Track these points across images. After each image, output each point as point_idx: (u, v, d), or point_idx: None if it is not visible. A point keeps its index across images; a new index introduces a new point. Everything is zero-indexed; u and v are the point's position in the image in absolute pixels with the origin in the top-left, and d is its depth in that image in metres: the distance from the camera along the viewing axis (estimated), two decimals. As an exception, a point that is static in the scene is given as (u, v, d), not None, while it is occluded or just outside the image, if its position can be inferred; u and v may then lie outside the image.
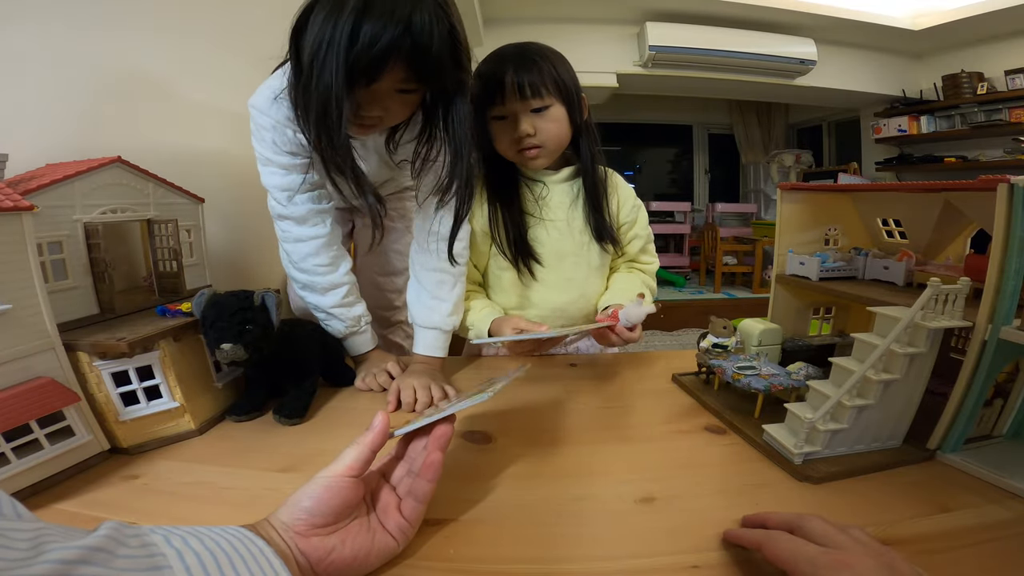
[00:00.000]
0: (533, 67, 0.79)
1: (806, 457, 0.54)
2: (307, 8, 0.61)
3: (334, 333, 0.84)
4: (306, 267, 0.82)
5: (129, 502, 0.50)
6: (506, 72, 0.79)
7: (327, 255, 0.82)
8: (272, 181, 0.78)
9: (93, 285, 0.65)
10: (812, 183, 0.89)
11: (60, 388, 0.52)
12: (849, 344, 0.57)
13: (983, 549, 0.42)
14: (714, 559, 0.41)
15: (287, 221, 0.80)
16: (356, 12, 0.56)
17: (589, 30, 3.76)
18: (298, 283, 0.84)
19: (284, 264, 0.85)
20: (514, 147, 0.84)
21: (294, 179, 0.77)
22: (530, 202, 0.90)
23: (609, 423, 0.68)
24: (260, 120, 0.75)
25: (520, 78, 0.78)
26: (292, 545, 0.37)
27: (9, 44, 0.73)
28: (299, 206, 0.79)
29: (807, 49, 3.83)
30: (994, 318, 0.49)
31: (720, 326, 0.76)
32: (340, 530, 0.39)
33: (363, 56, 0.57)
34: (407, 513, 0.43)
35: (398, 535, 0.42)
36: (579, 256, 0.91)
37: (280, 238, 0.83)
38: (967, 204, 0.64)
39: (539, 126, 0.81)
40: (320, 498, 0.39)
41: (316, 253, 0.81)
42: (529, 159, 0.85)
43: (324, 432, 0.66)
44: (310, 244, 0.81)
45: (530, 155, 0.84)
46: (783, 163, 5.36)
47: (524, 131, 0.80)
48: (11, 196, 0.50)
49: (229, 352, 0.62)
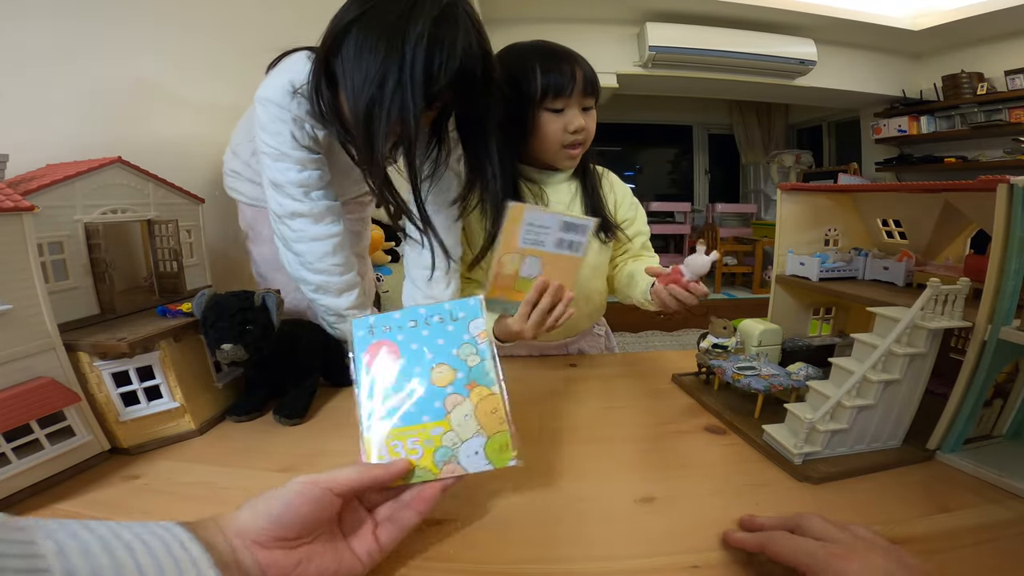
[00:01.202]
0: (588, 66, 0.82)
1: (806, 457, 0.54)
2: (342, 28, 0.64)
3: (343, 335, 0.83)
4: (323, 267, 0.79)
5: (129, 502, 0.50)
6: (575, 67, 0.81)
7: (342, 254, 0.81)
8: (288, 177, 0.75)
9: (94, 285, 0.65)
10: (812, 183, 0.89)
11: (60, 388, 0.52)
12: (849, 344, 0.57)
13: (983, 549, 0.42)
14: (714, 559, 0.41)
15: (303, 219, 0.77)
16: (426, 40, 0.59)
17: (589, 30, 3.76)
18: (310, 285, 0.81)
19: (292, 268, 0.81)
20: (560, 141, 0.83)
21: (311, 174, 0.76)
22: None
23: (609, 423, 0.68)
24: (278, 114, 0.72)
25: (588, 74, 0.81)
26: (247, 555, 0.33)
27: (10, 44, 0.73)
28: (316, 202, 0.77)
29: (807, 49, 3.83)
30: (994, 318, 0.49)
31: (720, 326, 0.76)
32: (304, 546, 0.36)
33: (436, 84, 0.61)
34: (383, 539, 0.40)
35: (366, 560, 0.39)
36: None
37: (290, 239, 0.79)
38: (967, 204, 0.64)
39: (587, 124, 0.83)
40: (292, 504, 0.36)
41: (333, 252, 0.79)
42: (572, 156, 0.86)
43: (324, 432, 0.66)
44: (327, 243, 0.79)
45: (574, 153, 0.85)
46: (783, 163, 5.37)
47: (580, 125, 0.82)
48: (11, 196, 0.50)
49: (230, 352, 0.62)
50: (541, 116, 0.82)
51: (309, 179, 0.76)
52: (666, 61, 3.75)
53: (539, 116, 0.82)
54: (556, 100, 0.81)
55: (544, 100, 0.81)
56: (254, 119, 0.76)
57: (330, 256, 0.79)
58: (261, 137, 0.75)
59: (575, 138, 0.83)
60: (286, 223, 0.78)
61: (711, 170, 6.05)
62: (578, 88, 0.80)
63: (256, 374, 0.71)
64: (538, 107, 0.82)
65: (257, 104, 0.74)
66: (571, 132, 0.82)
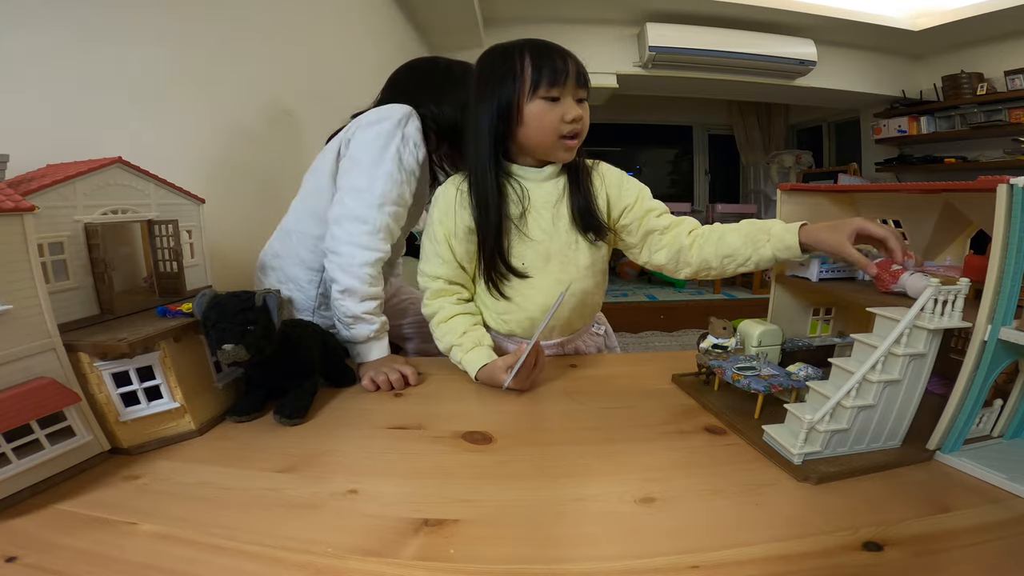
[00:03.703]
0: (578, 60, 0.83)
1: (806, 457, 0.54)
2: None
3: (353, 338, 0.85)
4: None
5: (129, 502, 0.50)
6: (567, 58, 0.82)
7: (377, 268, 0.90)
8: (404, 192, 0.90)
9: (94, 286, 0.65)
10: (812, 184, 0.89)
11: (61, 388, 0.52)
12: (849, 345, 0.57)
13: (983, 549, 0.42)
14: (714, 559, 0.41)
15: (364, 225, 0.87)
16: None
17: (589, 30, 3.77)
18: (340, 285, 0.87)
19: (336, 269, 0.87)
20: (558, 131, 0.82)
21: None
22: (514, 203, 0.86)
23: (609, 423, 0.68)
24: (417, 138, 0.90)
25: (580, 66, 0.82)
26: None
27: (10, 45, 0.73)
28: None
29: (807, 50, 3.83)
30: (994, 318, 0.49)
31: (720, 327, 0.76)
32: None
33: None
34: None
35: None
36: (566, 256, 0.88)
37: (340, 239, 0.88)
38: (967, 205, 0.64)
39: (583, 116, 0.83)
40: None
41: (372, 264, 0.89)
42: (569, 148, 0.84)
43: (324, 432, 0.66)
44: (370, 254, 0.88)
45: (571, 144, 0.84)
46: (783, 164, 5.36)
47: (577, 114, 0.82)
48: (12, 197, 0.50)
49: (231, 352, 0.62)
50: (535, 107, 0.81)
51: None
52: (666, 61, 3.76)
53: (532, 107, 0.81)
54: (552, 88, 0.80)
55: (538, 89, 0.80)
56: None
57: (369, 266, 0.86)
58: (396, 151, 0.90)
59: (573, 127, 0.82)
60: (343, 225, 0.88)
61: (711, 170, 6.05)
62: (571, 77, 0.81)
63: (256, 374, 0.71)
64: (531, 98, 0.81)
65: (402, 120, 0.91)
66: (568, 121, 0.81)
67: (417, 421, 0.68)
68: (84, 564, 0.41)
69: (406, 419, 0.69)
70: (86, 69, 0.85)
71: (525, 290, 0.88)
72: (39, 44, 0.77)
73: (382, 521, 0.47)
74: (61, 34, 0.80)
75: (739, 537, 0.44)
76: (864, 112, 4.82)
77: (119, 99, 0.91)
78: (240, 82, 1.27)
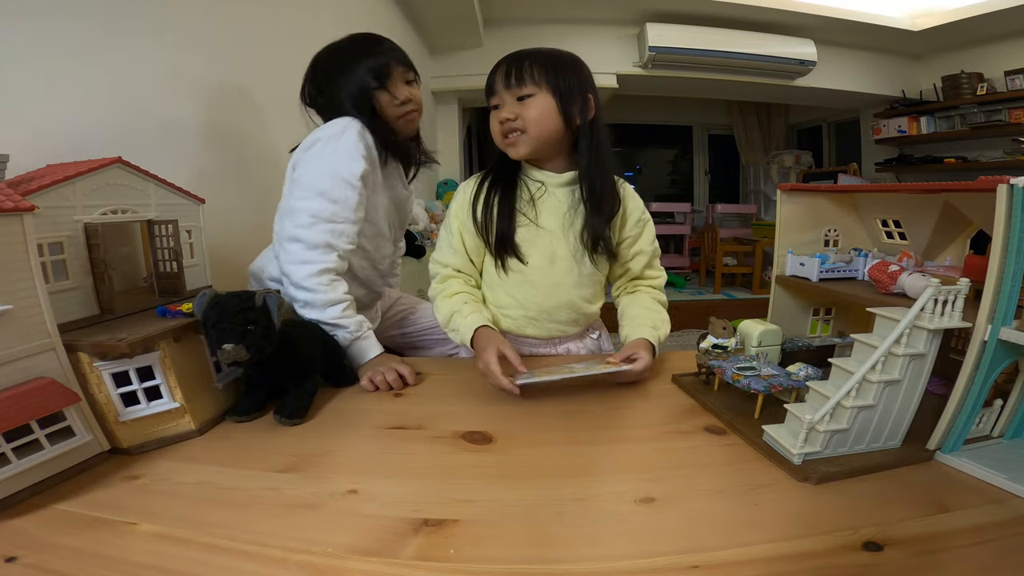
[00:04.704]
0: (524, 60, 0.84)
1: (806, 457, 0.54)
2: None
3: (340, 342, 0.85)
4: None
5: (129, 502, 0.50)
6: (501, 65, 0.86)
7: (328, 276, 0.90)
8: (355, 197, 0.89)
9: (93, 285, 0.65)
10: (812, 184, 0.89)
11: (60, 388, 0.52)
12: (849, 345, 0.57)
13: (983, 549, 0.42)
14: (714, 559, 0.41)
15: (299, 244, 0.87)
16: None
17: (589, 31, 3.77)
18: (298, 302, 0.87)
19: (289, 287, 0.87)
20: (500, 135, 0.87)
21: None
22: (525, 201, 0.90)
23: (609, 423, 0.68)
24: (353, 149, 0.88)
25: (508, 68, 0.84)
26: None
27: (10, 44, 0.73)
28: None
29: (807, 50, 3.83)
30: (994, 318, 0.49)
31: (720, 327, 0.76)
32: None
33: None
34: None
35: None
36: (572, 262, 0.90)
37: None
38: (967, 205, 0.64)
39: (521, 113, 0.85)
40: None
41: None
42: (509, 145, 0.87)
43: (324, 432, 0.66)
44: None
45: (509, 141, 0.87)
46: (783, 164, 5.36)
47: (504, 116, 0.85)
48: (12, 197, 0.50)
49: (231, 352, 0.62)
50: (491, 116, 0.88)
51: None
52: (666, 61, 3.75)
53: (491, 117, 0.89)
54: (491, 98, 0.87)
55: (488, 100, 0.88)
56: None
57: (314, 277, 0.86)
58: (345, 162, 0.89)
59: (505, 126, 0.86)
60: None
61: (711, 170, 6.05)
62: (499, 81, 0.85)
63: (256, 374, 0.71)
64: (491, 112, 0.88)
65: (346, 134, 0.89)
66: (500, 121, 0.86)
67: (417, 421, 0.68)
68: (84, 564, 0.41)
69: (406, 419, 0.69)
70: (86, 69, 0.85)
71: (527, 288, 0.91)
72: (39, 44, 0.77)
73: (382, 521, 0.47)
74: (60, 33, 0.80)
75: (739, 537, 0.44)
76: (864, 112, 4.82)
77: (119, 99, 0.91)
78: (240, 82, 1.27)
